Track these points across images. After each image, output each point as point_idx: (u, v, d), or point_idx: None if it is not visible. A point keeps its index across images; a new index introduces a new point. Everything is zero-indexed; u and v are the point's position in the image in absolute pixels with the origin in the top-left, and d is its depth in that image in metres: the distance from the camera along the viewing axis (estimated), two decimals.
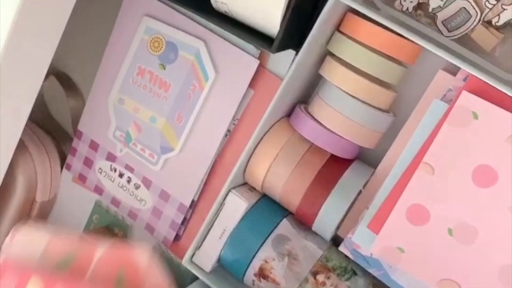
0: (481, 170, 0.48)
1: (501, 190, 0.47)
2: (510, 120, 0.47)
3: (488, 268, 0.48)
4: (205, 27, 0.60)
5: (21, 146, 0.70)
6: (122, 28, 0.64)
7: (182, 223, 0.64)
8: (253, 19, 0.53)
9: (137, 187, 0.65)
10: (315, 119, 0.56)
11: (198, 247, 0.59)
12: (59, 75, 0.76)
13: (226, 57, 0.59)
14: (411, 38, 0.48)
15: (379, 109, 0.55)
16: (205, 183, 0.61)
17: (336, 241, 0.58)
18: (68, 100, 0.75)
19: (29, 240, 0.36)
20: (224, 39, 0.59)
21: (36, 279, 0.33)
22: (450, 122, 0.49)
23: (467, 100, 0.48)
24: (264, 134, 0.57)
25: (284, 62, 0.59)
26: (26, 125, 0.70)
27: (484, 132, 0.48)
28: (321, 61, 0.57)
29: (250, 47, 0.59)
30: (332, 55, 0.55)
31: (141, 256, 0.35)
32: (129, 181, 0.66)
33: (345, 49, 0.54)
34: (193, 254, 0.59)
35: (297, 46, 0.57)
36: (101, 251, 0.36)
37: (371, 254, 0.54)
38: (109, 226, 0.71)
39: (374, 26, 0.52)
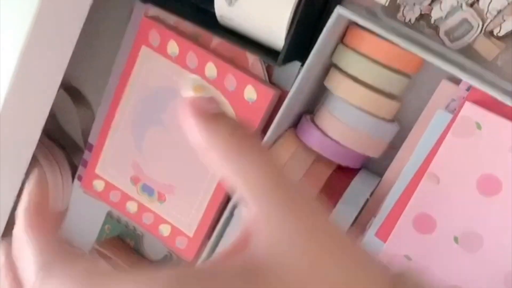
0: (485, 179, 0.49)
1: (506, 198, 0.48)
2: None
3: (494, 276, 0.49)
4: None
5: (32, 159, 0.71)
6: (132, 35, 0.65)
7: None
8: (258, 34, 0.54)
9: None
10: (321, 130, 0.57)
11: (209, 257, 0.61)
12: (68, 88, 0.77)
13: None
14: (413, 51, 0.49)
15: (384, 119, 0.56)
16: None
17: None
18: (77, 112, 0.76)
19: None
20: None
21: None
22: (454, 132, 0.49)
23: (470, 111, 0.49)
24: (271, 145, 0.58)
25: (289, 73, 0.60)
26: None
27: (487, 142, 0.48)
28: (326, 72, 0.58)
29: None
30: (337, 66, 0.56)
31: None
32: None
33: (349, 61, 0.55)
34: None
35: (302, 58, 0.58)
36: None
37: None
38: (121, 236, 0.72)
39: (377, 39, 0.53)
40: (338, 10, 0.52)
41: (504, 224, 0.48)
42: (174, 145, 0.62)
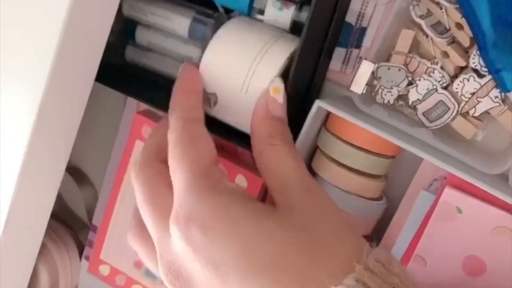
0: (470, 261, 0.51)
1: (491, 278, 0.50)
2: (492, 214, 0.49)
3: None
4: None
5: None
6: (127, 124, 0.68)
7: None
8: (242, 126, 0.56)
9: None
10: None
11: None
12: (70, 169, 0.80)
13: None
14: (391, 140, 0.52)
15: (371, 198, 0.58)
16: None
17: None
18: (81, 192, 0.79)
19: None
20: None
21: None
22: (436, 217, 0.51)
23: (450, 196, 0.51)
24: None
25: None
26: None
27: (469, 225, 0.50)
28: (313, 152, 0.60)
29: None
30: (322, 151, 0.58)
31: None
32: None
33: (332, 147, 0.57)
34: None
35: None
36: None
37: None
38: None
39: (357, 126, 0.55)
40: (317, 103, 0.54)
41: None
42: None
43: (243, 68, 0.53)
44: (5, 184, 0.59)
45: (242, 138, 0.58)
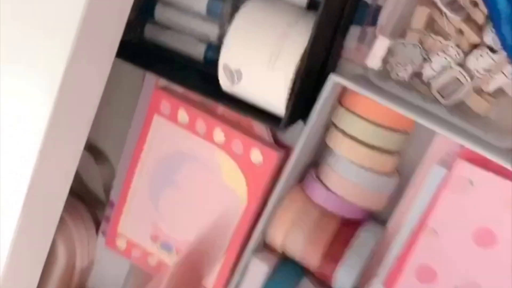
0: (481, 232, 0.52)
1: (501, 250, 0.51)
2: (503, 186, 0.50)
3: None
4: None
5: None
6: (145, 101, 0.69)
7: None
8: (261, 105, 0.58)
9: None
10: (325, 185, 0.60)
11: None
12: (89, 147, 0.82)
13: None
14: (405, 114, 0.53)
15: (384, 173, 0.59)
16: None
17: None
18: (99, 169, 0.81)
19: None
20: None
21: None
22: (449, 189, 0.52)
23: (463, 169, 0.52)
24: (280, 202, 0.62)
25: (294, 130, 0.63)
26: None
27: (480, 198, 0.51)
28: (327, 128, 0.62)
29: None
30: (336, 126, 0.60)
31: None
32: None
33: (347, 122, 0.58)
34: None
35: (304, 118, 0.61)
36: None
37: None
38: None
39: (372, 101, 0.56)
40: (333, 78, 0.55)
41: (502, 274, 0.51)
42: (188, 204, 0.66)
43: (269, 45, 0.55)
44: (26, 159, 0.61)
45: (259, 114, 0.59)
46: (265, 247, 0.65)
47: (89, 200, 0.84)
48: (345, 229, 0.61)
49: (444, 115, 0.55)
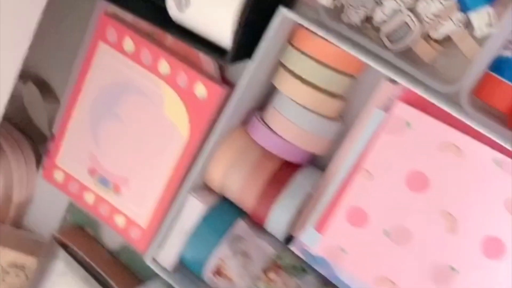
0: (414, 176, 0.51)
1: (433, 194, 0.51)
2: (440, 129, 0.50)
3: (421, 268, 0.51)
4: None
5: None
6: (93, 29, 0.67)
7: None
8: (209, 35, 0.56)
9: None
10: (269, 127, 0.59)
11: (160, 247, 0.63)
12: (36, 80, 0.80)
13: None
14: (353, 54, 0.52)
15: (327, 117, 0.58)
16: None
17: (291, 239, 0.62)
18: (45, 104, 0.79)
19: None
20: None
21: None
22: (386, 131, 0.52)
23: (402, 110, 0.51)
24: (221, 140, 0.60)
25: (243, 71, 0.62)
26: (3, 127, 0.73)
27: (416, 141, 0.51)
28: (275, 70, 0.60)
29: None
30: (284, 66, 0.58)
31: None
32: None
33: (295, 61, 0.57)
34: (156, 253, 0.63)
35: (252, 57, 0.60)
36: None
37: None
38: (82, 224, 0.75)
39: (321, 40, 0.55)
40: (282, 12, 0.54)
41: (432, 219, 0.51)
42: (128, 138, 0.64)
43: None
44: None
45: (207, 46, 0.58)
46: (204, 188, 0.64)
47: (34, 135, 0.81)
48: (284, 172, 0.60)
49: (391, 59, 0.54)
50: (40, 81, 0.80)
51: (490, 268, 0.49)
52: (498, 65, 0.52)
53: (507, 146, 0.47)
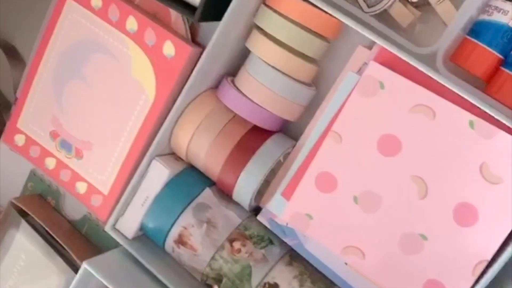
0: (386, 140, 0.49)
1: (404, 159, 0.49)
2: (414, 91, 0.48)
3: (390, 236, 0.49)
4: None
5: None
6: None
7: None
8: None
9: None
10: (239, 90, 0.57)
11: (121, 214, 0.60)
12: (4, 45, 0.76)
13: None
14: (329, 12, 0.50)
15: (301, 82, 0.56)
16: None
17: (259, 211, 0.59)
18: (11, 69, 0.76)
19: None
20: None
21: None
22: (358, 91, 0.50)
23: (375, 70, 0.49)
24: (189, 104, 0.58)
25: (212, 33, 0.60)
26: None
27: (389, 102, 0.49)
28: (249, 34, 0.58)
29: None
30: (258, 28, 0.56)
31: None
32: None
33: (269, 21, 0.55)
34: (117, 221, 0.60)
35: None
36: None
37: (287, 224, 0.55)
38: (43, 194, 0.71)
39: (297, 0, 0.53)
40: None
41: (402, 185, 0.49)
42: (92, 100, 0.61)
43: None
44: None
45: (178, 4, 0.55)
46: (171, 156, 0.61)
47: None
48: (253, 138, 0.57)
49: (368, 19, 0.52)
50: (6, 46, 0.77)
51: (461, 236, 0.47)
52: (476, 30, 0.50)
53: (483, 108, 0.45)
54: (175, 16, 0.59)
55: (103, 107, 0.61)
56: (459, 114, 0.47)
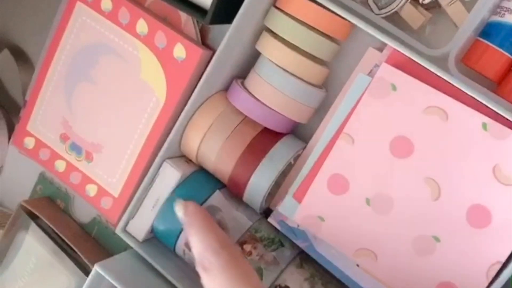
0: (398, 141, 0.49)
1: (417, 161, 0.49)
2: (427, 92, 0.48)
3: (403, 238, 0.49)
4: None
5: None
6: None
7: None
8: None
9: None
10: (250, 92, 0.57)
11: (132, 217, 0.60)
12: (12, 48, 0.77)
13: None
14: (340, 14, 0.50)
15: (312, 84, 0.56)
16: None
17: (269, 214, 0.59)
18: (20, 72, 0.76)
19: None
20: None
21: None
22: (369, 93, 0.50)
23: (387, 72, 0.49)
24: (200, 106, 0.58)
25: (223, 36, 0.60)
26: None
27: (401, 104, 0.49)
28: (259, 36, 0.58)
29: None
30: (269, 30, 0.56)
31: None
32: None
33: (279, 23, 0.55)
34: (127, 223, 0.60)
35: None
36: None
37: (298, 226, 0.55)
38: (52, 197, 0.72)
39: (307, 2, 0.53)
40: None
41: (415, 187, 0.49)
42: (103, 103, 0.61)
43: None
44: None
45: (189, 7, 0.55)
46: (181, 158, 0.61)
47: (8, 105, 0.78)
48: (264, 140, 0.57)
49: (379, 21, 0.52)
50: (16, 49, 0.77)
51: (474, 238, 0.47)
52: (487, 31, 0.50)
53: (497, 110, 0.45)
54: (185, 18, 0.59)
55: (113, 110, 0.61)
56: (472, 116, 0.47)
